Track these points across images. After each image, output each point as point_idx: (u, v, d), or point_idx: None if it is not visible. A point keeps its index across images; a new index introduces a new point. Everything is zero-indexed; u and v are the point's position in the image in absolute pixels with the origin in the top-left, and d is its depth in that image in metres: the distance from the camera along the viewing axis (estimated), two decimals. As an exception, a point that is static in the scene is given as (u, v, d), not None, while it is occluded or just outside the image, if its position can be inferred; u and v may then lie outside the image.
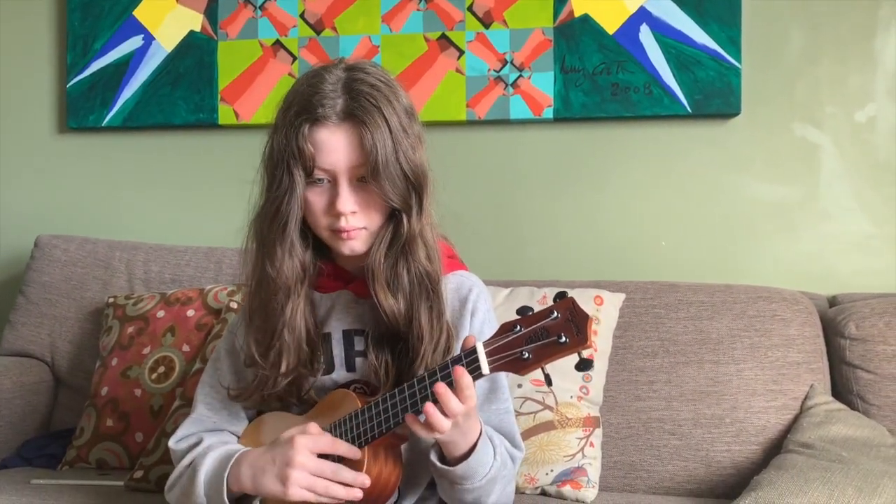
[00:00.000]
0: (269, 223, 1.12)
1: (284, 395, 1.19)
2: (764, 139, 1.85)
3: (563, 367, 1.55)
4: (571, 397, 1.58)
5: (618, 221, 1.91)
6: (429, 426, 1.01)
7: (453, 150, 1.95)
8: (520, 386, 1.58)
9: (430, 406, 1.00)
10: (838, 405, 1.55)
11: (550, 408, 1.57)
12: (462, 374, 0.99)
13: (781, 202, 1.85)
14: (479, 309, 1.19)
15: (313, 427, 1.09)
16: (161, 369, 1.70)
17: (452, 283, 1.19)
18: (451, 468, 1.07)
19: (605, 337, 1.63)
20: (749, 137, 1.86)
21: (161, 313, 1.76)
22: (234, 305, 1.72)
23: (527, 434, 1.54)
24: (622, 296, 1.68)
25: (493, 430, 1.15)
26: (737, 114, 1.84)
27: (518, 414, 1.55)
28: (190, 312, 1.74)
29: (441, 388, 0.99)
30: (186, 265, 1.91)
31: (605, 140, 1.91)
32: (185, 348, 1.71)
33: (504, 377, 1.21)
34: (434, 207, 1.16)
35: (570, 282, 1.74)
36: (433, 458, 1.10)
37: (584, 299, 1.66)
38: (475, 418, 1.07)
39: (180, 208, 2.09)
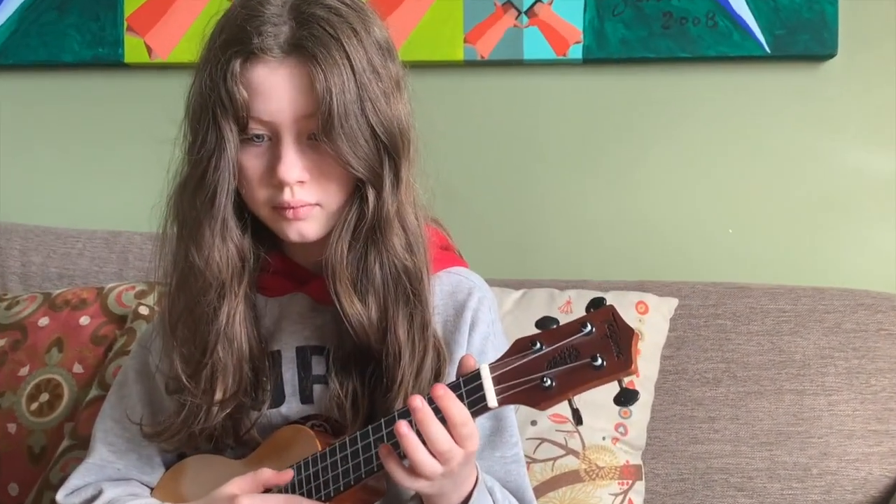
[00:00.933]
0: (192, 195, 1.12)
1: (219, 433, 1.19)
2: (867, 91, 1.85)
3: (594, 399, 1.55)
4: (604, 439, 1.58)
5: (668, 201, 1.91)
6: (412, 470, 1.01)
7: (446, 100, 1.94)
8: (534, 423, 1.58)
9: (410, 440, 0.99)
10: (963, 451, 1.56)
11: (576, 453, 1.57)
12: (449, 401, 0.98)
13: (887, 177, 1.86)
14: (482, 320, 1.19)
15: (266, 474, 1.09)
16: (44, 397, 1.69)
17: (446, 285, 1.19)
18: None
19: (650, 357, 1.63)
20: (847, 88, 1.86)
21: (44, 321, 1.75)
22: (144, 311, 1.71)
23: (543, 489, 1.54)
24: (674, 301, 1.68)
25: (492, 480, 1.15)
26: (832, 55, 1.84)
27: (531, 461, 1.54)
28: (84, 320, 1.74)
29: (422, 413, 0.98)
30: (79, 256, 1.89)
31: (651, 90, 1.90)
32: (78, 369, 1.70)
33: (512, 413, 1.21)
34: (419, 181, 1.15)
35: (603, 282, 1.74)
36: None
37: (622, 306, 1.60)
38: (472, 464, 1.07)
39: (71, 178, 2.07)
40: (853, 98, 1.86)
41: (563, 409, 1.60)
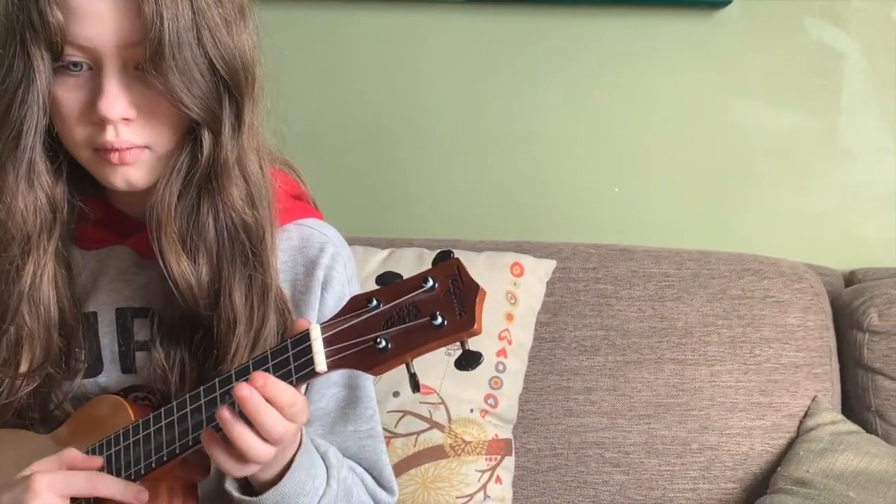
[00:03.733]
0: None
1: (23, 407, 1.14)
2: (765, 43, 1.86)
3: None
4: (472, 411, 1.57)
5: (550, 156, 1.91)
6: (241, 457, 0.97)
7: (301, 34, 1.89)
8: (396, 394, 1.57)
9: (237, 428, 0.94)
10: (850, 426, 1.58)
11: (441, 426, 1.56)
12: (275, 388, 0.94)
13: (786, 135, 1.87)
14: (336, 279, 1.16)
15: (72, 454, 1.05)
16: None
17: (295, 238, 1.16)
18: (255, 499, 1.04)
19: (524, 324, 1.63)
20: (743, 39, 1.86)
21: None
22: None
23: (404, 465, 1.54)
24: (552, 263, 1.68)
25: (327, 446, 1.13)
26: (727, 3, 1.84)
27: (392, 435, 1.54)
28: None
29: (252, 403, 0.94)
30: None
31: (536, 34, 1.89)
32: None
33: (370, 383, 1.19)
34: (268, 123, 1.11)
35: (478, 242, 1.74)
36: (228, 485, 1.06)
37: (496, 268, 1.65)
38: (298, 434, 1.04)
39: None
40: (750, 49, 1.87)
41: (429, 378, 1.60)
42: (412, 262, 1.66)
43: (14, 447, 1.14)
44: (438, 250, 1.65)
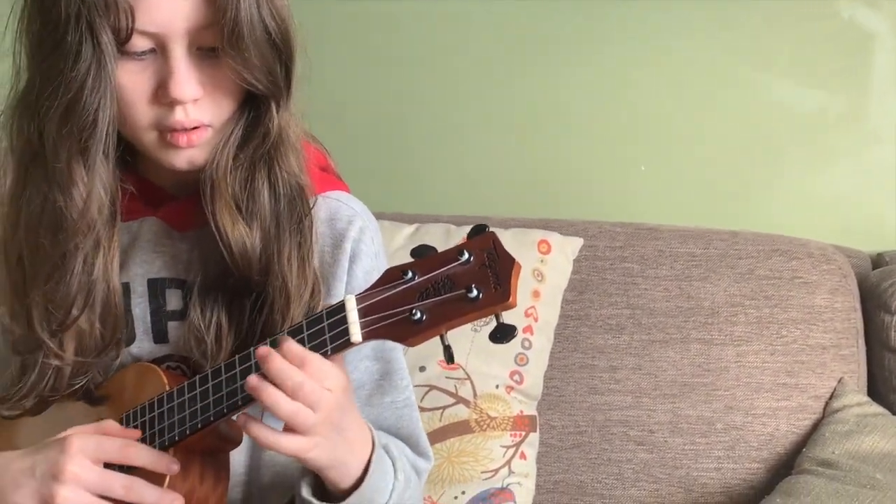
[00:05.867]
0: (57, 128, 1.04)
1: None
2: (795, 21, 1.85)
3: (488, 345, 1.57)
4: (498, 387, 1.59)
5: (577, 134, 1.90)
6: (286, 428, 0.97)
7: (328, 8, 1.89)
8: (423, 369, 1.58)
9: (268, 391, 0.95)
10: (876, 408, 1.58)
11: (466, 402, 1.57)
12: (293, 349, 0.95)
13: (814, 115, 1.86)
14: (364, 252, 1.16)
15: (111, 426, 1.06)
16: None
17: (323, 211, 1.16)
18: None
19: (550, 301, 1.63)
20: (773, 17, 1.85)
21: None
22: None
23: (429, 439, 1.50)
24: (579, 241, 1.68)
25: (385, 436, 1.14)
26: (759, -20, 1.84)
27: (419, 409, 1.52)
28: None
29: (275, 362, 0.95)
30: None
31: (561, 12, 1.88)
32: None
33: (401, 354, 1.19)
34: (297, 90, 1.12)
35: (505, 219, 1.74)
36: (305, 493, 1.06)
37: (523, 245, 1.65)
38: (356, 415, 1.05)
39: None
40: (780, 28, 1.86)
41: (454, 354, 1.62)
42: (439, 238, 1.67)
43: (47, 415, 1.15)
44: (466, 226, 1.69)
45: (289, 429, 0.97)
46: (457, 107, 1.93)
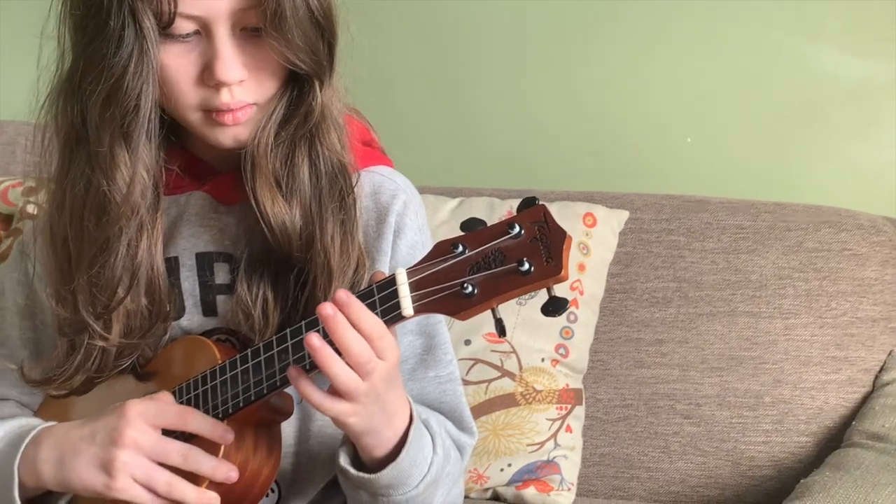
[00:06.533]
0: (100, 112, 1.05)
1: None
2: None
3: (533, 318, 1.61)
4: (543, 360, 1.59)
5: (622, 105, 1.90)
6: (331, 390, 0.98)
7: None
8: (468, 342, 1.59)
9: (324, 352, 0.95)
10: (927, 381, 1.58)
11: (512, 375, 1.58)
12: (351, 302, 0.95)
13: (863, 84, 1.85)
14: (408, 226, 1.17)
15: (163, 396, 1.08)
16: (-81, 305, 1.67)
17: (367, 186, 1.17)
18: (373, 476, 1.06)
19: (596, 275, 1.64)
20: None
21: (-80, 219, 1.74)
22: (32, 210, 1.69)
23: (475, 413, 1.51)
24: (624, 214, 1.69)
25: (426, 410, 1.15)
26: (807, -56, 1.83)
27: (463, 383, 1.51)
28: (-34, 219, 1.73)
29: (334, 321, 0.94)
30: (-40, 147, 1.88)
31: (609, -20, 1.89)
32: (-42, 273, 1.68)
33: (445, 329, 1.19)
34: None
35: (548, 192, 1.74)
36: (343, 461, 1.08)
37: (568, 217, 1.65)
38: (400, 390, 1.05)
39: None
40: (828, -5, 1.85)
41: (482, 320, 1.63)
42: (483, 211, 1.67)
43: (97, 390, 1.17)
44: (510, 199, 1.70)
45: (334, 391, 0.98)
46: (501, 79, 1.93)
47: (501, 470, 1.55)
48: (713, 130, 1.89)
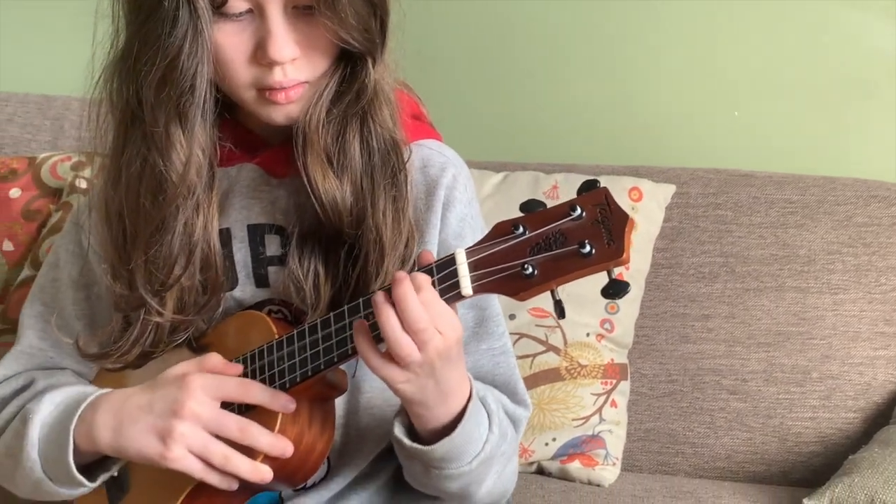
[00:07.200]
0: (155, 93, 1.06)
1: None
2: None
3: (579, 293, 1.59)
4: (588, 335, 1.60)
5: (667, 79, 1.90)
6: (386, 354, 0.98)
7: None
8: (512, 317, 1.60)
9: (387, 312, 0.95)
10: (977, 357, 1.57)
11: (557, 350, 1.59)
12: (421, 283, 0.96)
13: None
14: (458, 199, 1.17)
15: (215, 359, 1.08)
16: (-29, 277, 1.70)
17: (416, 160, 1.17)
18: (427, 448, 1.06)
19: (642, 249, 1.64)
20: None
21: (-31, 192, 1.75)
22: (81, 184, 1.70)
23: None
24: (671, 188, 1.69)
25: (484, 387, 1.15)
26: (858, -85, 1.81)
27: (509, 358, 1.56)
28: (14, 192, 1.73)
29: (403, 287, 0.95)
30: (8, 122, 1.88)
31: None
32: (7, 246, 1.70)
33: (496, 302, 1.20)
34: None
35: (594, 166, 1.74)
36: (397, 431, 1.08)
37: (613, 192, 1.57)
38: (460, 371, 1.05)
39: None
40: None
41: (544, 302, 1.63)
42: (528, 187, 1.68)
43: (152, 363, 1.17)
44: (555, 174, 1.70)
45: (389, 355, 0.98)
46: (544, 53, 1.92)
47: (546, 444, 1.57)
48: (761, 104, 1.88)
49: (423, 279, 0.97)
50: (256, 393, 1.06)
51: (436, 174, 1.17)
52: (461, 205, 1.17)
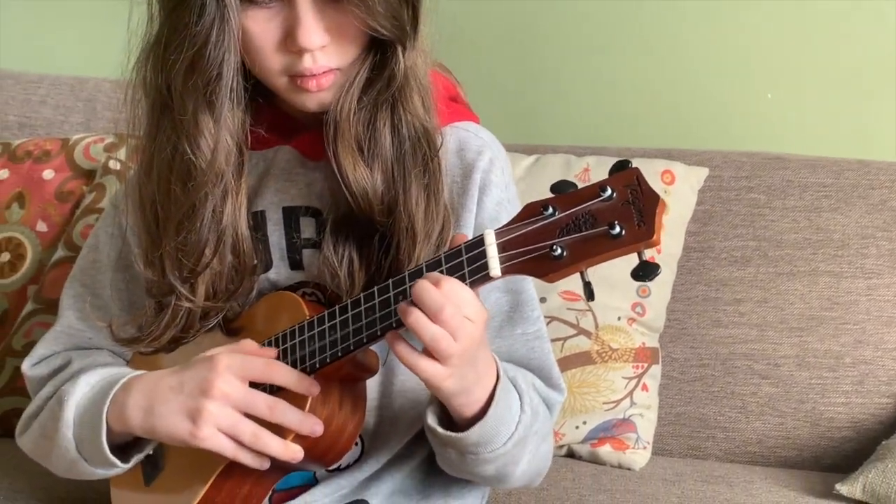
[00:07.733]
0: (183, 81, 1.07)
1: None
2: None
3: (610, 275, 1.60)
4: (619, 319, 1.60)
5: (700, 61, 1.89)
6: (426, 351, 0.98)
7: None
8: (543, 300, 1.59)
9: (415, 315, 0.96)
10: None
11: (588, 333, 1.59)
12: (439, 276, 0.96)
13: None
14: (494, 182, 1.17)
15: (248, 346, 1.10)
16: (5, 257, 1.71)
17: (453, 142, 1.17)
18: (461, 434, 1.07)
19: (674, 232, 1.64)
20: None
21: (3, 173, 1.76)
22: (114, 165, 1.71)
23: None
24: (703, 172, 1.68)
25: (513, 367, 1.15)
26: None
27: (539, 341, 1.57)
28: (48, 174, 1.74)
29: (420, 284, 0.96)
30: (42, 103, 1.88)
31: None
32: (41, 227, 1.71)
33: (531, 286, 1.20)
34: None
35: (625, 149, 1.73)
36: (430, 421, 1.09)
37: (644, 173, 1.60)
38: (487, 349, 1.06)
39: (33, 16, 2.04)
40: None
41: (575, 285, 1.63)
42: (559, 169, 1.68)
43: (185, 347, 1.18)
44: (586, 157, 1.69)
45: (429, 354, 0.98)
46: (576, 35, 1.92)
47: (577, 427, 1.57)
48: (794, 86, 1.88)
49: (436, 275, 0.98)
50: (282, 374, 1.07)
51: (472, 157, 1.17)
52: (498, 189, 1.17)
